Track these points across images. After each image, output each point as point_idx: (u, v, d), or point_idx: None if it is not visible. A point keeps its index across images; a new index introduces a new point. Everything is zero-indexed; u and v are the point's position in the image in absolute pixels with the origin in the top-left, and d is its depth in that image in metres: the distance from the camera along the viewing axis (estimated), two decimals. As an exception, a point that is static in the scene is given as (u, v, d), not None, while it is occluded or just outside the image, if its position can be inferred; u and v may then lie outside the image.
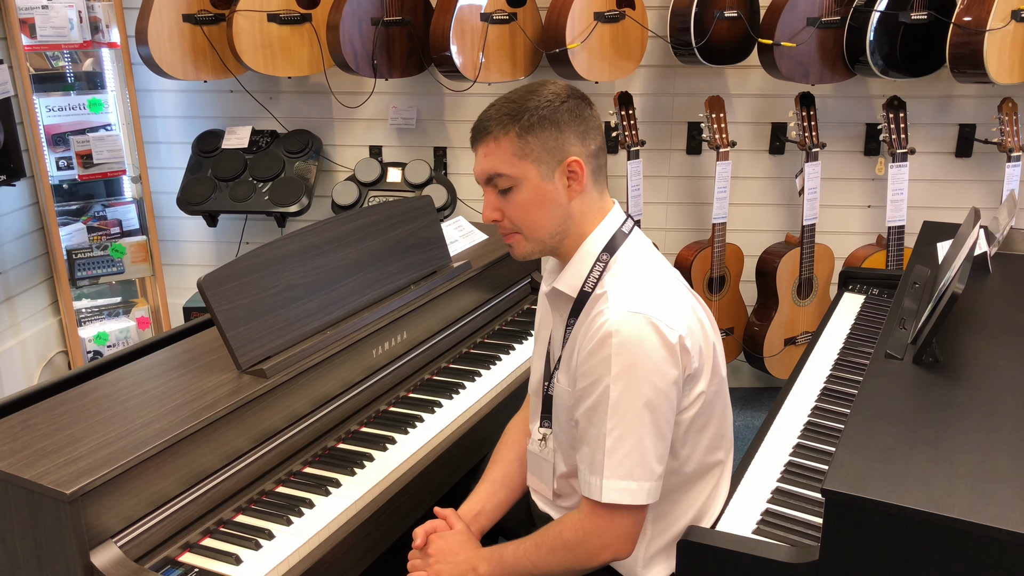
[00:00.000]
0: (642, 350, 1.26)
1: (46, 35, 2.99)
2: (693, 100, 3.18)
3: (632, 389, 1.26)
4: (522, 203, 1.36)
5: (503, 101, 1.37)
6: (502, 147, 1.35)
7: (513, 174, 1.35)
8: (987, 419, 1.36)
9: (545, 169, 1.35)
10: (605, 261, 1.38)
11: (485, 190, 1.41)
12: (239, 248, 3.47)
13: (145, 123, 3.33)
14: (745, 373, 3.48)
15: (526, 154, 1.34)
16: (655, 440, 1.29)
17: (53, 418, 1.45)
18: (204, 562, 1.37)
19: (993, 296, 1.90)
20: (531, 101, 1.34)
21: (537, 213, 1.36)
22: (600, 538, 1.31)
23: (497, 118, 1.35)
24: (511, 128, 1.34)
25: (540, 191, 1.35)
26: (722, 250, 3.10)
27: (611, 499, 1.28)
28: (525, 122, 1.33)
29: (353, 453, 1.67)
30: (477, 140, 1.39)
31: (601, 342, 1.28)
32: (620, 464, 1.27)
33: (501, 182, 1.36)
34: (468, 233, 2.48)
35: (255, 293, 1.64)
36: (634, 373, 1.26)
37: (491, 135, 1.36)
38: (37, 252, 3.25)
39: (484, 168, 1.38)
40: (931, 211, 3.19)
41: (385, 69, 2.97)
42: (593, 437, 1.30)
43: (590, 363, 1.29)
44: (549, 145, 1.34)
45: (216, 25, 2.96)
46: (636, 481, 1.28)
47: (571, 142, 1.35)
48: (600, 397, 1.28)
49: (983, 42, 2.71)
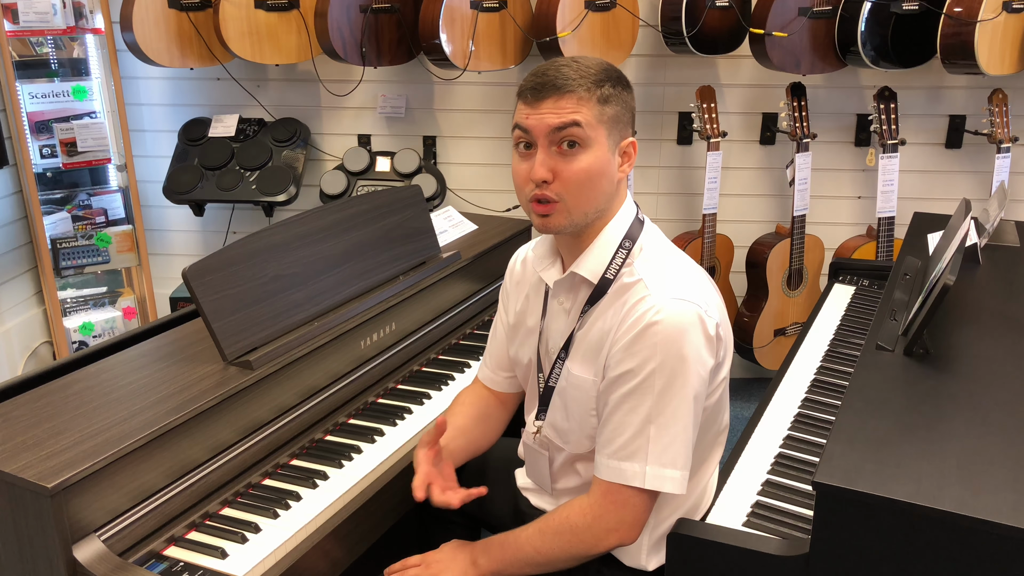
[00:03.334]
0: (688, 338, 1.26)
1: (29, 21, 2.95)
2: (684, 90, 3.16)
3: (679, 377, 1.26)
4: (586, 168, 1.29)
5: (581, 65, 1.30)
6: (585, 103, 1.28)
7: (591, 133, 1.28)
8: (977, 411, 1.36)
9: (611, 143, 1.33)
10: (628, 248, 1.36)
11: (542, 147, 1.30)
12: (226, 238, 3.44)
13: (130, 111, 3.29)
14: (735, 364, 3.46)
15: (602, 121, 1.30)
16: (695, 429, 1.30)
17: (35, 410, 1.43)
18: (190, 556, 1.35)
19: (983, 287, 1.90)
20: (611, 73, 1.32)
21: (594, 183, 1.31)
22: (608, 522, 1.30)
23: (577, 79, 1.28)
24: (594, 91, 1.29)
25: (603, 159, 1.31)
26: (712, 241, 3.09)
27: (654, 485, 1.28)
28: (607, 90, 1.30)
29: (341, 445, 1.66)
30: (551, 93, 1.28)
31: (647, 329, 1.26)
32: (665, 451, 1.27)
33: (576, 133, 1.27)
34: (458, 223, 2.47)
35: (241, 284, 1.62)
36: (681, 362, 1.26)
37: (573, 92, 1.28)
38: (21, 241, 3.21)
39: (558, 119, 1.28)
40: (921, 202, 3.19)
41: (374, 57, 2.95)
42: (632, 423, 1.28)
43: (634, 348, 1.28)
44: (619, 120, 1.33)
45: (202, 11, 2.93)
46: (680, 470, 1.28)
47: (629, 123, 1.36)
48: (644, 383, 1.27)
49: (974, 33, 2.70)
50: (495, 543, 1.40)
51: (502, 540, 1.40)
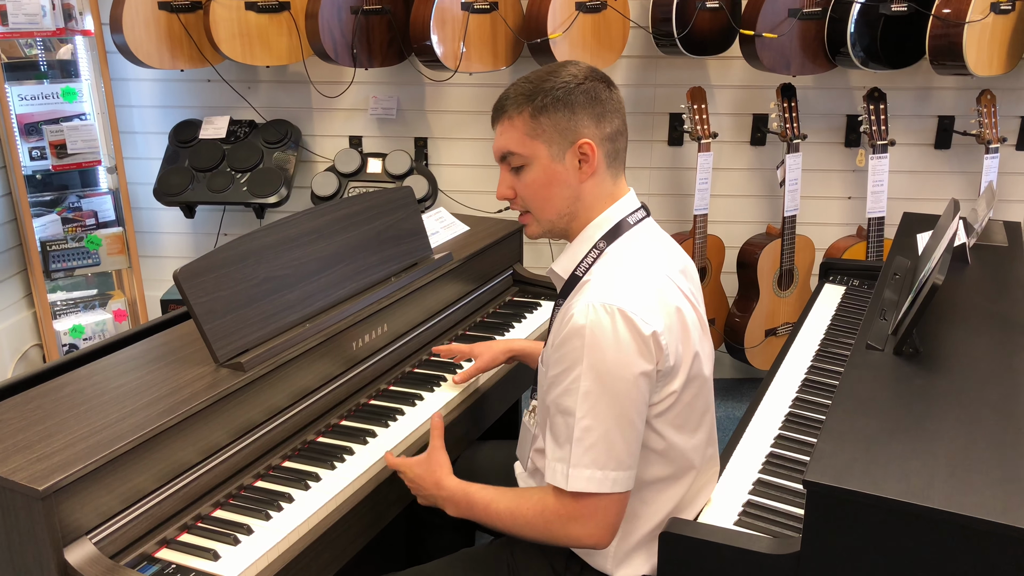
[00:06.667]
0: (614, 341, 1.26)
1: (18, 22, 2.93)
2: (675, 91, 3.17)
3: (602, 380, 1.26)
4: (531, 182, 1.39)
5: (522, 81, 1.40)
6: (515, 126, 1.38)
7: (524, 153, 1.38)
8: (967, 409, 1.37)
9: (556, 150, 1.37)
10: (601, 248, 1.38)
11: (500, 168, 1.44)
12: (217, 240, 3.43)
13: (121, 112, 3.28)
14: (726, 364, 3.49)
15: (538, 134, 1.37)
16: (624, 430, 1.28)
17: (26, 413, 1.42)
18: (181, 558, 1.35)
19: (972, 287, 1.92)
20: (547, 82, 1.37)
21: (546, 193, 1.39)
22: (579, 523, 1.31)
23: (513, 97, 1.38)
24: (525, 108, 1.37)
25: (550, 172, 1.38)
26: (703, 241, 3.10)
27: (576, 487, 1.28)
28: (539, 102, 1.36)
29: (333, 447, 1.65)
30: (495, 119, 1.42)
31: (573, 331, 1.28)
32: (586, 453, 1.27)
33: (513, 160, 1.40)
34: (449, 224, 2.47)
35: (233, 285, 1.62)
36: (605, 364, 1.26)
37: (506, 114, 1.39)
38: (10, 244, 3.19)
39: (498, 146, 1.42)
40: (911, 202, 3.21)
41: (365, 58, 2.94)
42: (561, 425, 1.30)
43: (561, 351, 1.30)
44: (561, 126, 1.36)
45: (193, 13, 2.92)
46: (601, 470, 1.28)
47: (584, 123, 1.36)
48: (570, 386, 1.28)
49: (962, 34, 2.72)
50: (461, 492, 1.45)
51: (469, 495, 1.44)
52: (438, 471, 1.49)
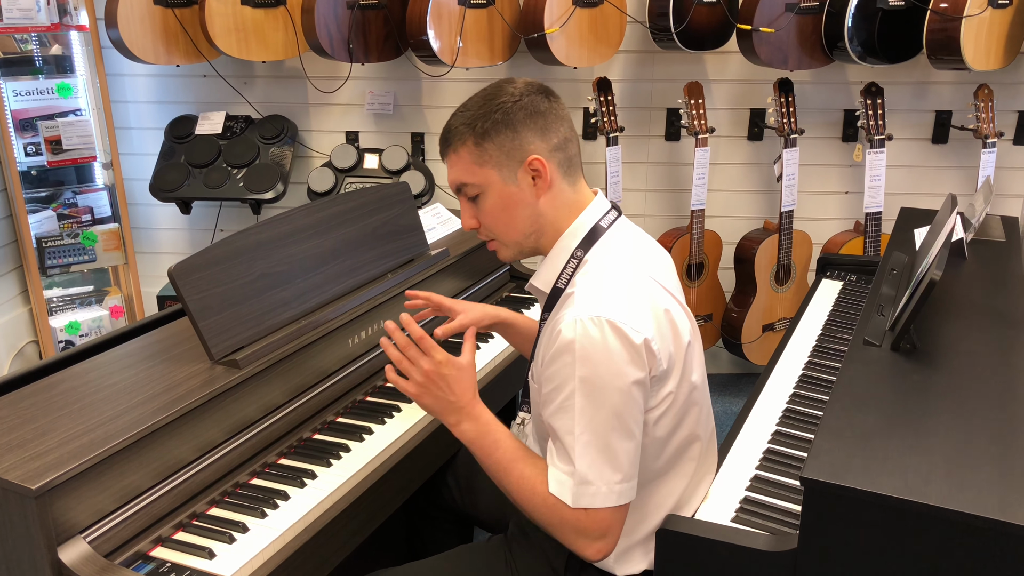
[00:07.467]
0: (605, 354, 1.24)
1: (12, 17, 2.92)
2: (672, 86, 3.16)
3: (597, 394, 1.24)
4: (490, 209, 1.38)
5: (462, 109, 1.38)
6: (462, 157, 1.37)
7: (476, 182, 1.37)
8: (964, 405, 1.37)
9: (507, 172, 1.35)
10: (579, 258, 1.37)
11: (460, 200, 1.43)
12: (213, 236, 3.42)
13: (116, 108, 3.27)
14: (723, 359, 3.49)
15: (485, 161, 1.35)
16: (623, 441, 1.27)
17: (19, 411, 1.42)
18: (177, 556, 1.35)
19: (970, 282, 1.91)
20: (485, 107, 1.35)
21: (506, 217, 1.38)
22: (585, 538, 1.29)
23: (456, 128, 1.37)
24: (468, 137, 1.35)
25: (505, 195, 1.36)
26: (700, 237, 3.10)
27: (582, 504, 1.27)
28: (479, 128, 1.34)
29: (329, 444, 1.65)
30: (442, 152, 1.41)
31: (563, 347, 1.25)
32: (589, 469, 1.26)
33: (468, 190, 1.39)
34: (446, 220, 2.46)
35: (228, 282, 1.61)
36: (598, 378, 1.24)
37: (451, 147, 1.38)
38: (5, 240, 3.18)
39: (451, 179, 1.40)
40: (908, 197, 3.21)
41: (361, 53, 2.93)
42: (560, 442, 1.28)
43: (553, 367, 1.27)
44: (506, 148, 1.34)
45: (188, 8, 2.90)
46: (606, 484, 1.26)
47: (529, 140, 1.34)
48: (565, 402, 1.26)
49: (960, 28, 2.71)
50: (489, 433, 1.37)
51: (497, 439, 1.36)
52: (473, 387, 1.41)
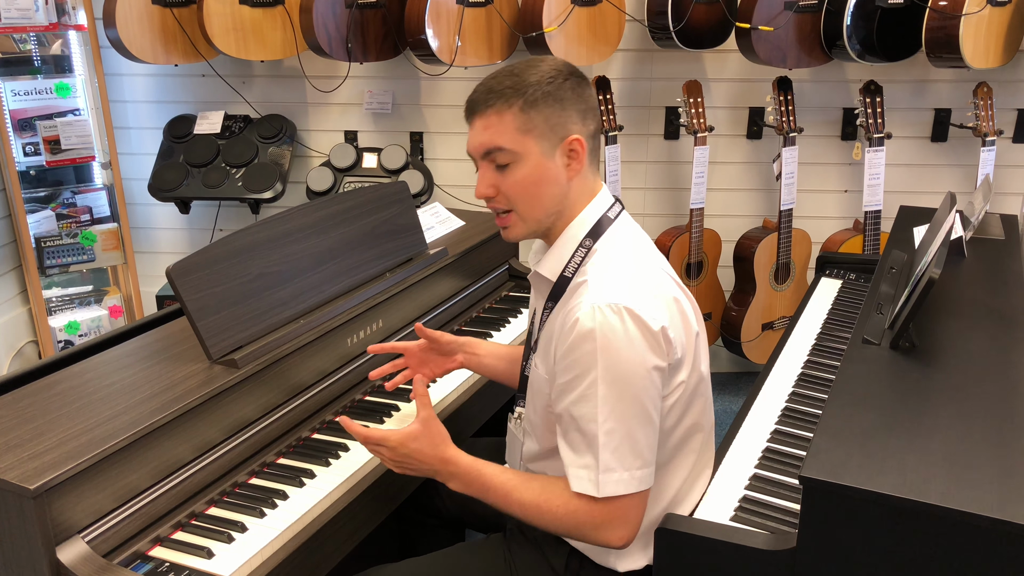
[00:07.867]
0: (627, 341, 1.24)
1: (11, 17, 2.92)
2: (671, 84, 3.16)
3: (620, 382, 1.24)
4: (521, 180, 1.32)
5: (504, 74, 1.32)
6: (504, 121, 1.30)
7: (515, 149, 1.31)
8: (963, 404, 1.36)
9: (547, 146, 1.32)
10: (588, 247, 1.36)
11: (481, 165, 1.35)
12: (212, 235, 3.42)
13: (115, 108, 3.26)
14: (723, 358, 3.49)
15: (529, 129, 1.30)
16: (644, 427, 1.27)
17: (17, 411, 1.41)
18: (175, 556, 1.34)
19: (969, 281, 1.91)
20: (533, 75, 1.31)
21: (536, 191, 1.33)
22: (610, 528, 1.29)
23: (499, 91, 1.30)
24: (515, 101, 1.30)
25: (541, 168, 1.32)
26: (700, 235, 3.09)
27: (608, 492, 1.26)
28: (530, 96, 1.29)
29: (328, 443, 1.65)
30: (475, 112, 1.33)
31: (582, 336, 1.25)
32: (613, 456, 1.25)
33: (501, 157, 1.32)
34: (445, 219, 2.46)
35: (226, 282, 1.61)
36: (620, 366, 1.24)
37: (492, 108, 1.31)
38: (4, 240, 3.18)
39: (483, 141, 1.33)
40: (907, 195, 3.20)
41: (360, 53, 2.93)
42: (582, 431, 1.27)
43: (572, 357, 1.26)
44: (552, 121, 1.31)
45: (186, 7, 2.90)
46: (628, 471, 1.26)
47: (573, 120, 1.33)
48: (587, 391, 1.25)
49: (959, 27, 2.71)
50: (474, 472, 1.36)
51: (484, 477, 1.36)
52: (441, 444, 1.38)
